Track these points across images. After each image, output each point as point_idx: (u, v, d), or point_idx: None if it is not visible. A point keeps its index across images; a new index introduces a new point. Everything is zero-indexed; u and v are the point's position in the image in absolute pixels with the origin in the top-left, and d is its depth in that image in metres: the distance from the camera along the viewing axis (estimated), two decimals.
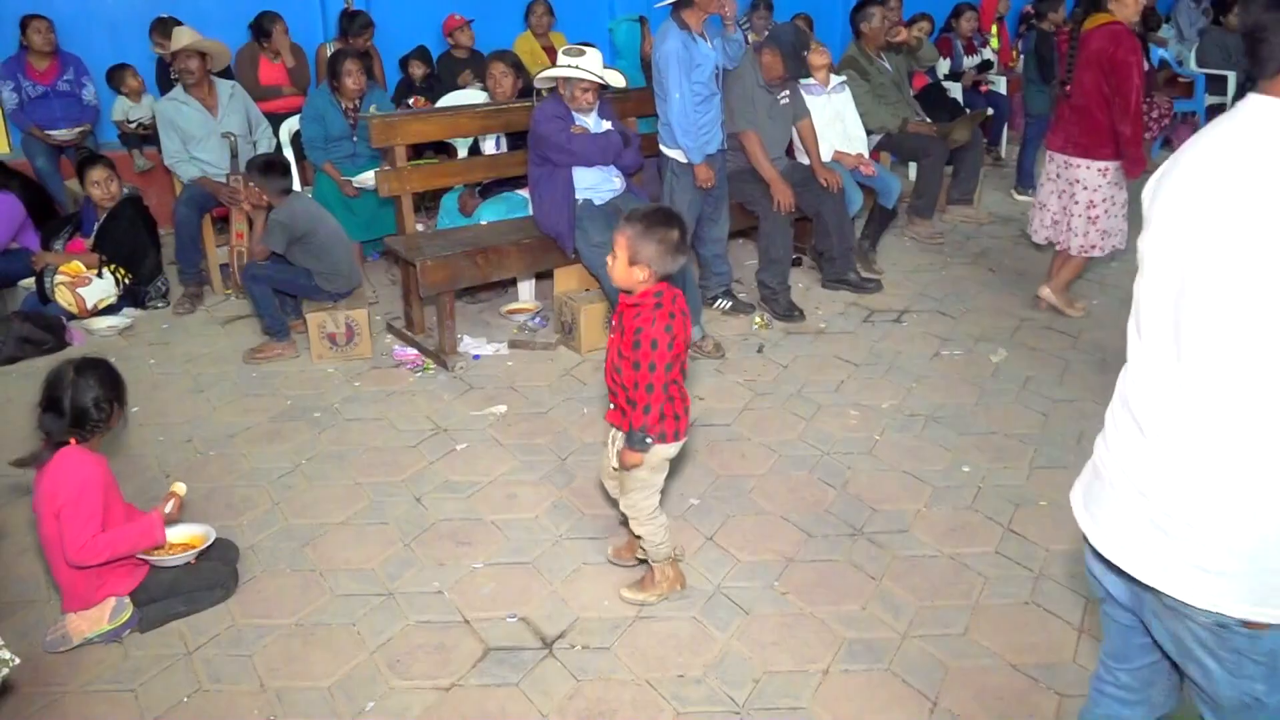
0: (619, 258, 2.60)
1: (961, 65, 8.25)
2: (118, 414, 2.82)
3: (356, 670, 2.69)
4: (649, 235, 2.56)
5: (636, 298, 2.62)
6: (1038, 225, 5.13)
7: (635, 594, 2.95)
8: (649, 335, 2.57)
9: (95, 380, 2.76)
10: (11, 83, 6.30)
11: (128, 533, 2.76)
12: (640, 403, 2.63)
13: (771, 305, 5.21)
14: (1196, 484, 1.47)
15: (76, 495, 2.67)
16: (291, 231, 4.60)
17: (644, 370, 2.59)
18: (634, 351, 2.60)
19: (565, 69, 4.49)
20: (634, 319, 2.61)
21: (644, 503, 2.83)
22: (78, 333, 5.04)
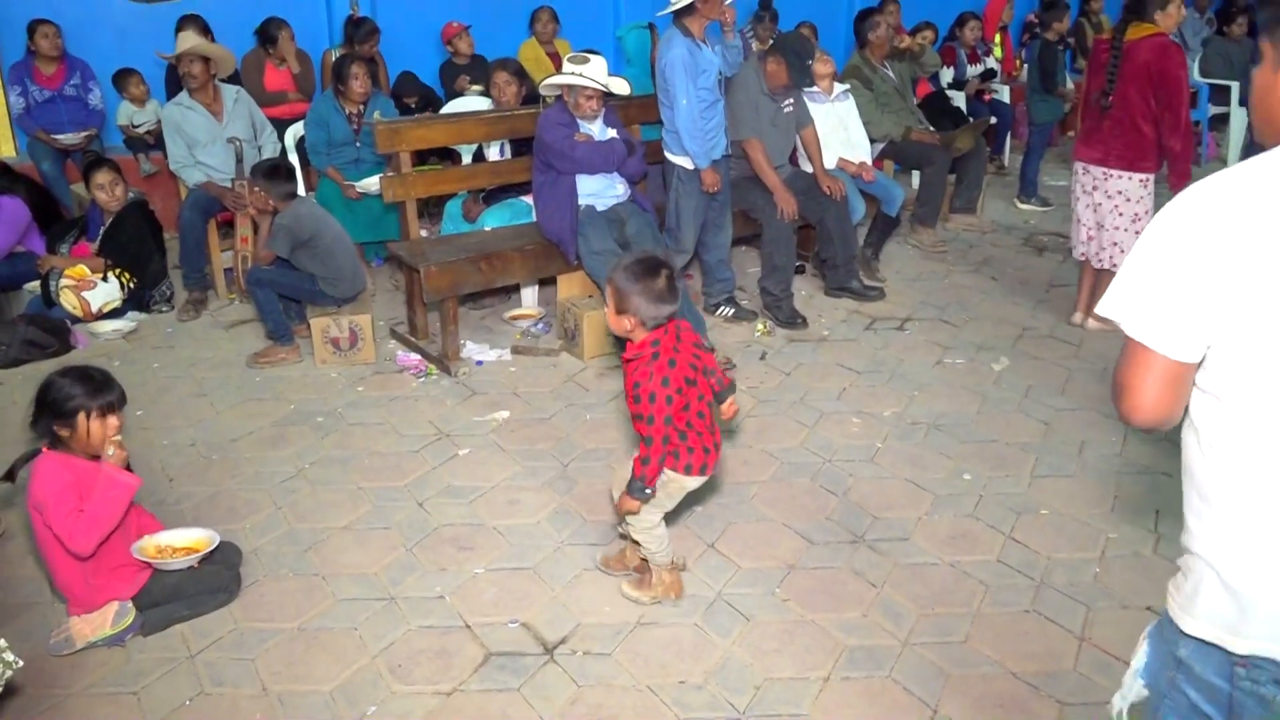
0: (609, 306, 2.65)
1: (965, 74, 8.26)
2: (91, 420, 2.74)
3: (358, 675, 2.69)
4: (634, 285, 2.59)
5: (634, 349, 2.65)
6: (1075, 241, 5.07)
7: (632, 590, 3.00)
8: (646, 390, 2.60)
9: (64, 385, 2.75)
10: (18, 87, 6.33)
11: (97, 500, 2.70)
12: (640, 453, 2.67)
13: (774, 312, 5.22)
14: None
15: (50, 496, 2.67)
16: (296, 236, 4.61)
17: (644, 423, 2.63)
18: (635, 405, 2.64)
19: (570, 76, 4.51)
20: (633, 373, 2.65)
21: (648, 518, 2.87)
22: (82, 336, 5.06)
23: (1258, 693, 1.41)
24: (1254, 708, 1.42)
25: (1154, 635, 1.58)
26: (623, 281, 2.60)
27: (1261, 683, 1.41)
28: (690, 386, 2.70)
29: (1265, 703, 1.41)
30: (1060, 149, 9.14)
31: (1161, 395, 1.38)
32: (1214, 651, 1.44)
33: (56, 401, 2.73)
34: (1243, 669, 1.41)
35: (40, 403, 2.75)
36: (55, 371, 2.82)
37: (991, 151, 8.15)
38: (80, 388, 2.74)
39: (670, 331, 2.66)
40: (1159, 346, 1.36)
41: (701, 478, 2.82)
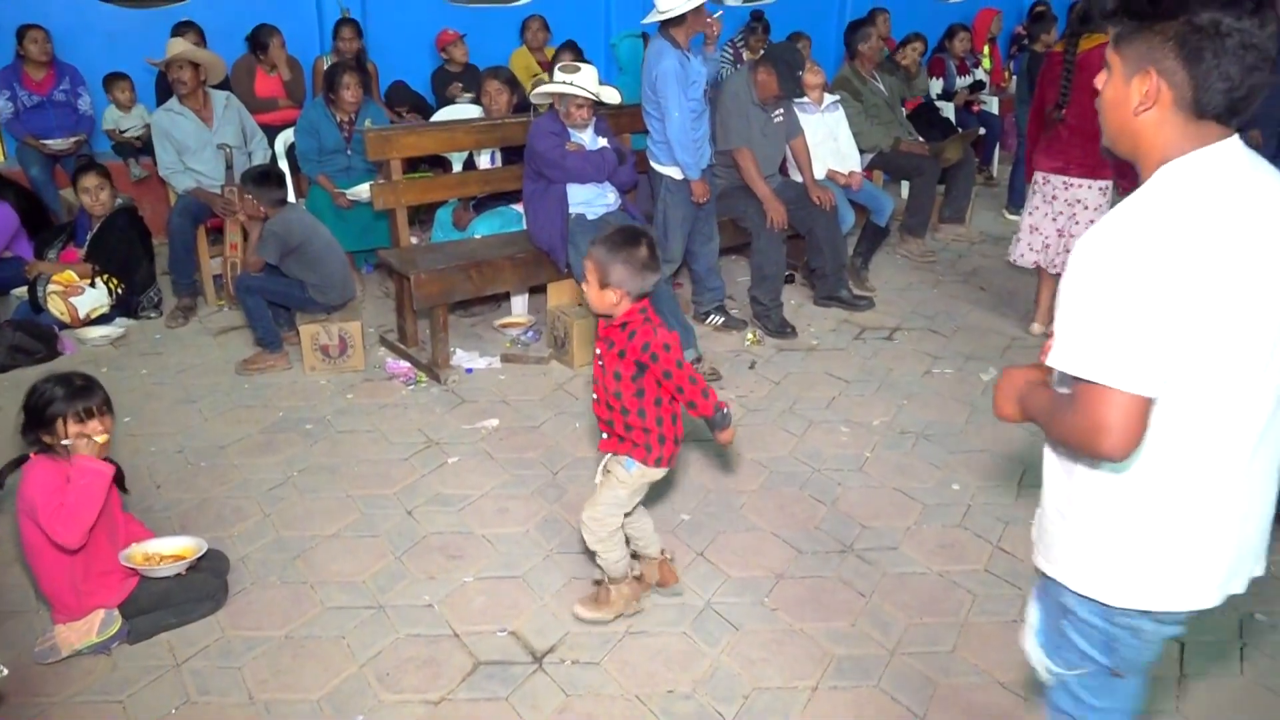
0: (590, 283, 2.60)
1: (954, 85, 8.30)
2: (69, 425, 2.73)
3: (346, 683, 2.69)
4: (616, 256, 2.55)
5: (623, 317, 2.60)
6: (1025, 249, 5.09)
7: (588, 611, 2.92)
8: (658, 342, 2.57)
9: (45, 390, 2.74)
10: (7, 92, 6.31)
11: (73, 490, 2.68)
12: (694, 396, 2.63)
13: (764, 322, 5.23)
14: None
15: (37, 501, 2.66)
16: (285, 243, 4.61)
17: (674, 376, 2.59)
18: (653, 364, 2.57)
19: (560, 85, 4.52)
20: (629, 338, 2.58)
21: (608, 519, 2.80)
22: (70, 342, 5.04)
23: (1131, 625, 1.66)
24: (1129, 640, 1.68)
25: (1038, 593, 1.83)
26: (605, 254, 2.55)
27: (1133, 617, 1.65)
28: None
29: (1137, 633, 1.67)
30: None
31: (1135, 429, 1.45)
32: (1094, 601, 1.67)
33: (38, 407, 2.72)
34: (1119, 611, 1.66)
35: (25, 409, 2.75)
36: (41, 378, 2.81)
37: (980, 162, 8.19)
38: (59, 392, 2.73)
39: (650, 308, 2.64)
40: (1131, 387, 1.42)
41: (664, 469, 2.78)
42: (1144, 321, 1.41)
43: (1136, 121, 1.51)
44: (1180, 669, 2.76)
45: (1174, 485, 1.56)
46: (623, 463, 2.74)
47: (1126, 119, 1.52)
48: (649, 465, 2.73)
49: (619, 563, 2.87)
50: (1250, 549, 1.67)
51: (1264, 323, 1.48)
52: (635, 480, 2.75)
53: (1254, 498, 1.62)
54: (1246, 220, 1.45)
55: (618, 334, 2.62)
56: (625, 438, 2.72)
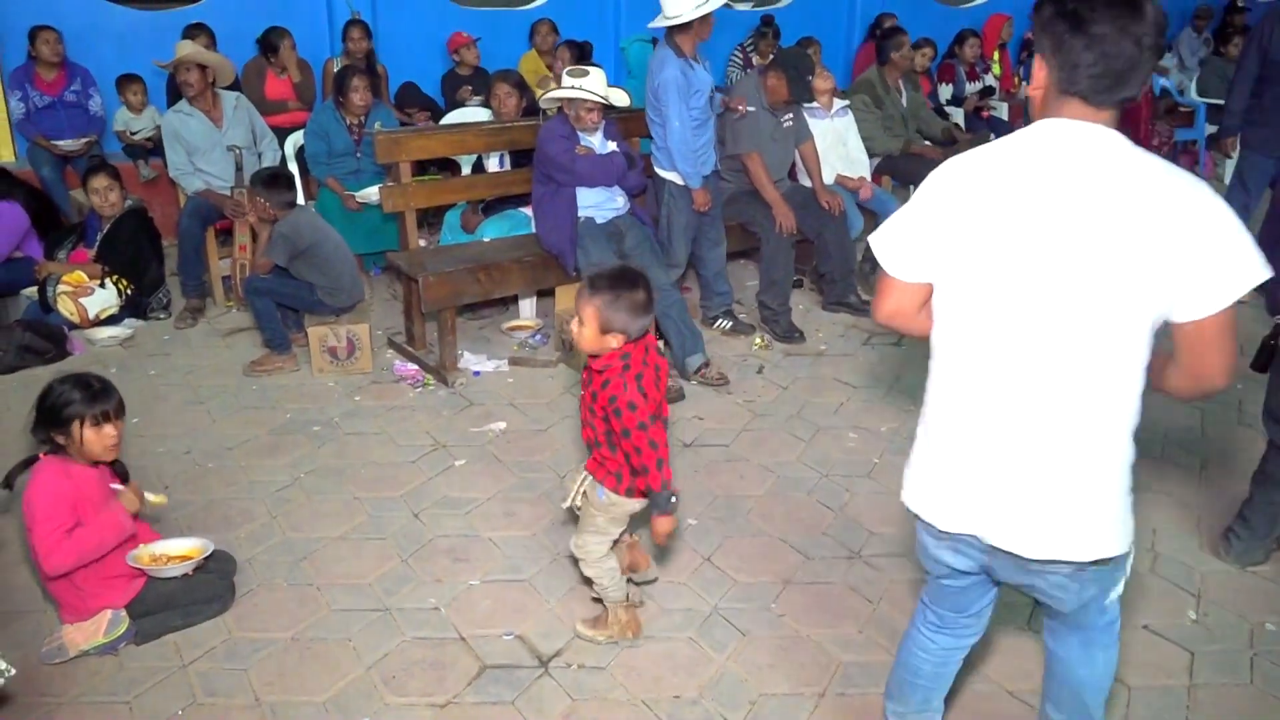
0: (587, 327, 2.50)
1: (964, 91, 8.29)
2: (86, 428, 2.73)
3: (352, 686, 2.68)
4: (618, 302, 2.48)
5: (602, 362, 2.53)
6: None
7: (587, 630, 2.88)
8: (624, 400, 2.48)
9: (62, 392, 2.74)
10: (19, 92, 6.33)
11: (91, 531, 2.71)
12: (648, 463, 2.52)
13: (772, 326, 5.22)
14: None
15: (39, 508, 2.66)
16: (295, 244, 4.61)
17: (633, 436, 2.49)
18: (615, 420, 2.50)
19: (569, 89, 4.52)
20: (603, 386, 2.52)
21: (594, 547, 2.77)
22: (79, 342, 5.05)
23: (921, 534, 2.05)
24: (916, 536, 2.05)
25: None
26: (607, 302, 2.48)
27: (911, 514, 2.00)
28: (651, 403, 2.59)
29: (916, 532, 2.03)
30: None
31: (886, 302, 1.94)
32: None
33: (54, 408, 2.72)
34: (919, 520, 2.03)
35: (40, 409, 2.74)
36: (56, 378, 2.81)
37: None
38: (77, 394, 2.73)
39: (639, 344, 2.57)
40: (888, 270, 1.90)
41: (644, 501, 2.69)
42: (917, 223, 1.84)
43: (1032, 100, 1.79)
44: (1190, 678, 2.74)
45: (937, 406, 1.90)
46: (597, 489, 2.70)
47: (1029, 98, 1.82)
48: (619, 494, 2.66)
49: (613, 587, 2.82)
50: (1005, 504, 1.81)
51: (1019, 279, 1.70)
52: (607, 508, 2.70)
53: (1010, 454, 1.79)
54: (1038, 180, 1.68)
55: (596, 377, 2.56)
56: (602, 464, 2.67)
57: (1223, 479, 3.80)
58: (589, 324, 2.51)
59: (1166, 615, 2.99)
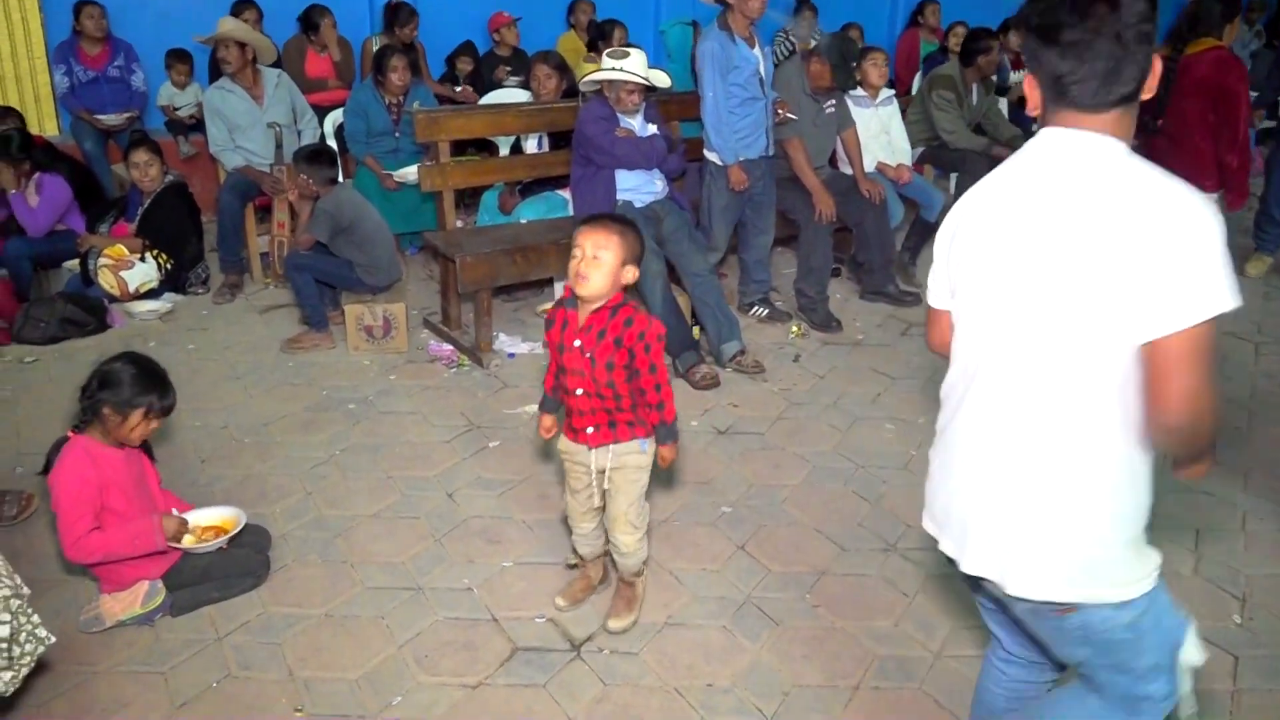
0: (605, 262, 2.45)
1: (1008, 80, 8.16)
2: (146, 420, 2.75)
3: (384, 664, 2.68)
4: (632, 232, 2.52)
5: (613, 302, 2.51)
6: None
7: (619, 622, 2.82)
8: (654, 332, 2.50)
9: (136, 379, 2.74)
10: (63, 66, 6.39)
11: (123, 535, 2.72)
12: (667, 398, 2.56)
13: (809, 314, 5.18)
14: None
15: (64, 495, 2.66)
16: (337, 221, 4.62)
17: (660, 369, 2.52)
18: (644, 355, 2.49)
19: (609, 71, 4.48)
20: (625, 325, 2.49)
21: (644, 511, 2.74)
22: (119, 316, 5.09)
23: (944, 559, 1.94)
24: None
25: None
26: (630, 231, 2.51)
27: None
28: None
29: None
30: None
31: (934, 331, 1.93)
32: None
33: (121, 390, 2.71)
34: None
35: (102, 383, 2.72)
36: (124, 358, 2.79)
37: None
38: (152, 387, 2.75)
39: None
40: (928, 296, 1.92)
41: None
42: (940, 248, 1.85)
43: (1035, 116, 1.72)
44: (1234, 682, 2.68)
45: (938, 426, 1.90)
46: (635, 448, 2.64)
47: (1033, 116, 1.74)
48: (651, 437, 2.65)
49: (645, 551, 2.82)
50: (974, 527, 1.77)
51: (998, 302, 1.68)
52: (649, 458, 2.67)
53: (956, 457, 1.81)
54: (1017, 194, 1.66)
55: (607, 320, 2.50)
56: (621, 420, 2.60)
57: (1271, 479, 3.72)
58: (610, 256, 2.46)
59: (1210, 618, 2.92)
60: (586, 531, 2.83)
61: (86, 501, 2.67)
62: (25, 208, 5.19)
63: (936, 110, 6.06)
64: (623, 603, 2.87)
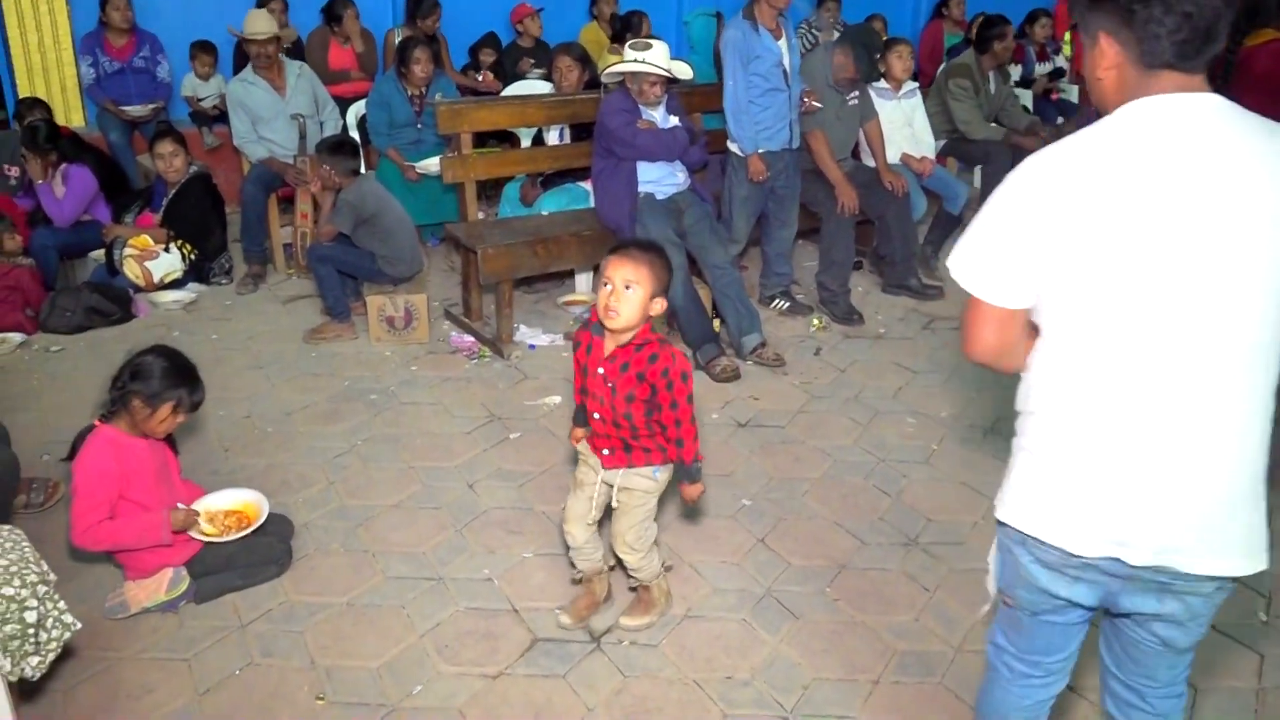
0: (635, 295, 2.39)
1: (1033, 72, 8.10)
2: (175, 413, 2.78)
3: (405, 653, 2.70)
4: (661, 261, 2.46)
5: (640, 337, 2.46)
6: None
7: (634, 620, 2.81)
8: (678, 369, 2.44)
9: (170, 373, 2.76)
10: (89, 57, 6.44)
11: (133, 528, 2.74)
12: (686, 437, 2.51)
13: (830, 308, 5.16)
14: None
15: (84, 482, 2.69)
16: (360, 212, 4.64)
17: (681, 407, 2.47)
18: (666, 392, 2.45)
19: (631, 63, 4.47)
20: (650, 361, 2.45)
21: (648, 533, 2.72)
22: (144, 305, 5.14)
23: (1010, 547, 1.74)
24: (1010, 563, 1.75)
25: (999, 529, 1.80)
26: (654, 260, 2.44)
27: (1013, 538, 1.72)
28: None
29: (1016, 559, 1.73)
30: None
31: (988, 336, 1.64)
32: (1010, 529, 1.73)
33: (151, 382, 2.73)
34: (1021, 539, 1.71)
35: (134, 375, 2.74)
36: (155, 351, 2.82)
37: None
38: (182, 381, 2.78)
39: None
40: (983, 295, 1.61)
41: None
42: (1015, 237, 1.56)
43: (1101, 85, 1.61)
44: (1259, 680, 2.66)
45: (1064, 419, 1.62)
46: (646, 473, 2.62)
47: (1095, 85, 1.62)
48: (670, 461, 2.61)
49: (654, 562, 2.80)
50: (1164, 517, 1.58)
51: (1169, 272, 1.49)
52: (660, 485, 2.66)
53: (1167, 460, 1.57)
54: (1166, 163, 1.49)
55: (632, 354, 2.47)
56: (636, 447, 2.58)
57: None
58: (641, 291, 2.40)
59: (1235, 615, 2.90)
60: (579, 542, 2.75)
61: (103, 492, 2.69)
62: (52, 198, 5.24)
63: (953, 101, 6.02)
64: (640, 605, 2.86)
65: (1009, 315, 1.61)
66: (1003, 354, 1.66)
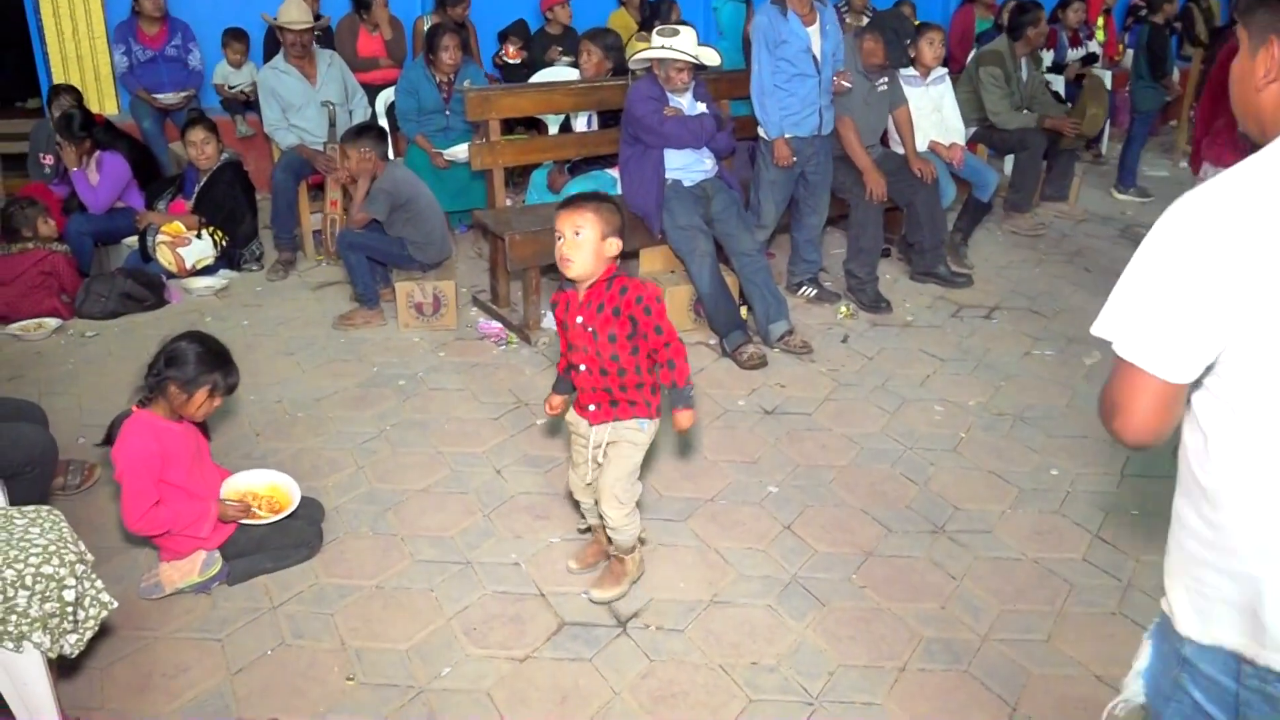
0: (586, 239, 2.51)
1: (1065, 57, 7.99)
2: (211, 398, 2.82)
3: (434, 635, 2.73)
4: (609, 205, 2.56)
5: (605, 275, 2.58)
6: None
7: (604, 592, 2.85)
8: (651, 294, 2.56)
9: (204, 359, 2.80)
10: (123, 46, 6.51)
11: (181, 514, 2.80)
12: (677, 356, 2.61)
13: (858, 295, 5.13)
14: None
15: (128, 469, 2.73)
16: (394, 198, 4.66)
17: (666, 329, 2.58)
18: (647, 317, 2.55)
19: (659, 50, 4.46)
20: (621, 294, 2.56)
21: (633, 489, 2.77)
22: (176, 291, 5.20)
23: (1265, 691, 1.37)
24: (1260, 705, 1.38)
25: (1157, 635, 1.55)
26: (606, 205, 2.56)
27: (1269, 682, 1.36)
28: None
29: (1273, 701, 1.37)
30: (1161, 138, 8.83)
31: (1154, 416, 1.34)
32: (1221, 651, 1.40)
33: (186, 368, 2.77)
34: (1250, 668, 1.37)
35: (169, 360, 2.78)
36: (189, 337, 2.86)
37: (1090, 140, 7.87)
38: (216, 366, 2.82)
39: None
40: (1155, 369, 1.31)
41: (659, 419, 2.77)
42: (1192, 297, 1.26)
43: (1261, 96, 1.39)
44: None
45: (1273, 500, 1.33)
46: (634, 425, 2.70)
47: (1250, 95, 1.41)
48: (655, 417, 2.72)
49: (634, 532, 2.83)
50: None
51: None
52: (648, 438, 2.74)
53: None
54: None
55: (604, 293, 2.58)
56: (623, 399, 2.67)
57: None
58: (589, 233, 2.52)
59: None
60: (588, 505, 2.92)
61: (149, 476, 2.74)
62: (86, 185, 5.31)
63: (984, 90, 5.97)
64: (610, 577, 2.90)
65: (1178, 392, 1.33)
66: (1164, 430, 1.37)
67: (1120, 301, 1.35)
